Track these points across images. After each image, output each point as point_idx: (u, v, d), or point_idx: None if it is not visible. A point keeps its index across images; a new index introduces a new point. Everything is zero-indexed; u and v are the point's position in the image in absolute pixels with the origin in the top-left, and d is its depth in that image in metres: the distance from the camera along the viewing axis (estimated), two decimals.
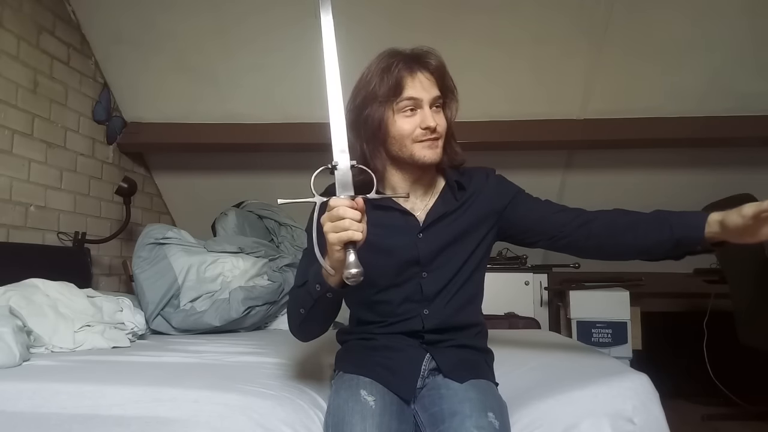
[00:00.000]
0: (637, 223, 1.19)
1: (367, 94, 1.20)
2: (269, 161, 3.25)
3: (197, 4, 2.66)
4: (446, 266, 1.24)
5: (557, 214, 1.27)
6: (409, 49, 1.23)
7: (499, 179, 1.33)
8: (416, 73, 1.20)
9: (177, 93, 3.00)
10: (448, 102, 1.26)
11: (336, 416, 1.09)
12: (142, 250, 2.42)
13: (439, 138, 1.22)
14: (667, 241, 1.15)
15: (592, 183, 3.15)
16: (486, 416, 1.05)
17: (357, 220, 0.97)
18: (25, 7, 2.41)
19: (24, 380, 1.29)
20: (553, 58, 2.71)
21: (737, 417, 2.87)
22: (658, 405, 1.17)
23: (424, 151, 1.20)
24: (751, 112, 2.80)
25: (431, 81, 1.21)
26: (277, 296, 2.48)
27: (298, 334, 1.22)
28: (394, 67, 1.19)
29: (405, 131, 1.20)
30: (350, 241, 0.96)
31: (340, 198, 0.99)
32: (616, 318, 2.92)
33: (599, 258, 1.27)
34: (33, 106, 2.45)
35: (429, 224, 1.24)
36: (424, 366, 1.20)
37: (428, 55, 1.22)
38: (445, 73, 1.24)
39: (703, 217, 1.11)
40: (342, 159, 1.02)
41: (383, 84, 1.18)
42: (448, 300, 1.23)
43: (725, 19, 2.54)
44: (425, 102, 1.19)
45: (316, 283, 1.07)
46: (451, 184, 1.28)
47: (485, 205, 1.28)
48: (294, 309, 1.18)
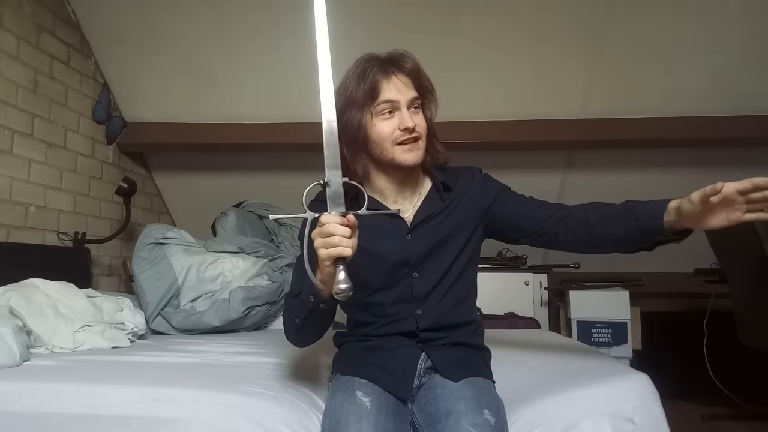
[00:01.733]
0: (607, 215, 1.18)
1: (346, 99, 1.22)
2: (269, 161, 3.25)
3: (198, 4, 2.66)
4: (436, 266, 1.25)
5: (538, 209, 1.27)
6: (384, 53, 1.25)
7: (485, 177, 1.35)
8: (391, 75, 1.21)
9: (177, 93, 3.00)
10: (427, 102, 1.27)
11: (332, 418, 1.09)
12: (142, 250, 2.42)
13: (419, 138, 1.23)
14: (634, 232, 1.13)
15: (592, 183, 3.15)
16: (482, 414, 1.05)
17: (347, 236, 0.99)
18: (25, 7, 2.41)
19: (24, 380, 1.29)
20: (553, 58, 2.71)
21: (737, 417, 2.87)
22: (658, 405, 1.17)
23: (405, 154, 1.21)
24: (751, 112, 2.80)
25: (407, 83, 1.23)
26: (277, 296, 2.48)
27: (294, 341, 1.24)
28: (369, 71, 1.21)
29: (384, 134, 1.21)
30: (340, 257, 0.98)
31: (331, 215, 1.01)
32: (616, 318, 2.92)
33: (580, 252, 1.26)
34: (33, 106, 2.45)
35: (416, 225, 1.26)
36: (420, 365, 1.21)
37: (403, 58, 1.24)
38: (420, 74, 1.25)
39: (663, 206, 1.09)
40: (333, 175, 1.03)
41: (359, 89, 1.20)
42: (440, 299, 1.24)
43: (725, 19, 2.54)
44: (402, 104, 1.21)
45: (310, 294, 1.09)
46: (438, 185, 1.29)
47: (471, 203, 1.29)
48: (289, 318, 1.20)
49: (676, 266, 3.25)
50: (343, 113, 1.21)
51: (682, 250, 3.63)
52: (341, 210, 1.02)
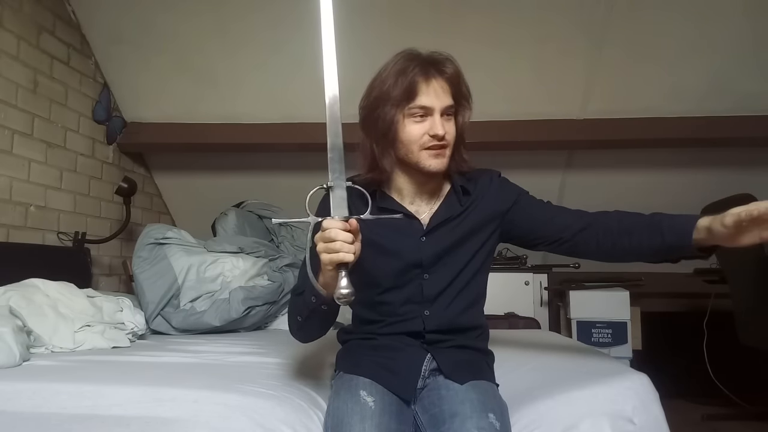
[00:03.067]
0: (632, 227, 1.18)
1: (381, 93, 1.19)
2: (270, 161, 3.25)
3: (198, 3, 2.66)
4: (448, 268, 1.24)
5: (559, 216, 1.26)
6: (426, 53, 1.22)
7: (503, 182, 1.33)
8: (431, 79, 1.18)
9: (177, 93, 3.00)
10: (461, 110, 1.24)
11: (335, 417, 1.09)
12: (142, 250, 2.42)
13: (447, 146, 1.21)
14: (660, 247, 1.14)
15: (592, 183, 3.15)
16: (487, 417, 1.05)
17: (349, 241, 0.99)
18: (25, 7, 2.41)
19: (24, 380, 1.29)
20: (553, 58, 2.71)
21: (737, 417, 2.87)
22: (658, 405, 1.17)
23: (430, 160, 1.20)
24: (751, 112, 2.80)
25: (445, 89, 1.20)
26: (277, 296, 2.48)
27: (297, 336, 1.25)
28: (410, 71, 1.18)
29: (413, 137, 1.19)
30: (341, 262, 0.98)
31: (334, 219, 1.00)
32: (616, 318, 2.92)
33: (601, 260, 1.26)
34: (33, 106, 2.45)
35: (432, 228, 1.25)
36: (425, 366, 1.20)
37: (445, 62, 1.21)
38: (460, 80, 1.22)
39: (692, 223, 1.09)
40: (337, 179, 1.03)
41: (397, 86, 1.17)
42: (450, 302, 1.24)
43: (725, 19, 2.54)
44: (437, 110, 1.18)
45: (312, 294, 1.10)
46: (457, 189, 1.28)
47: (489, 207, 1.28)
48: (293, 315, 1.21)
49: (676, 266, 3.24)
50: (376, 107, 1.19)
51: None
52: (344, 214, 1.01)
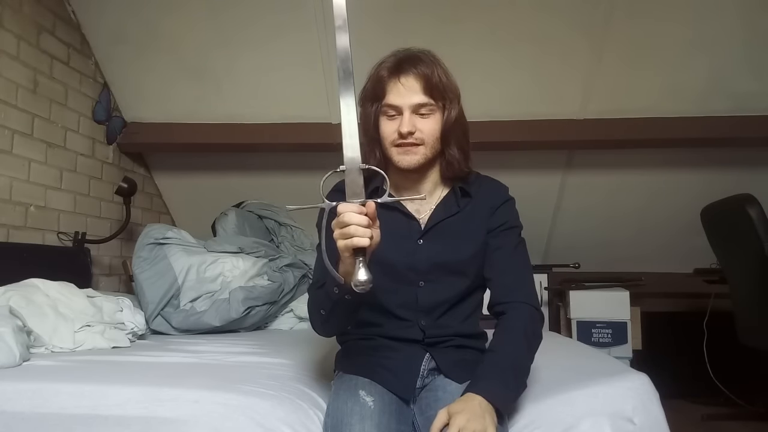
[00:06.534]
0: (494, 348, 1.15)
1: (364, 92, 1.22)
2: (269, 161, 3.25)
3: (198, 3, 2.66)
4: (442, 284, 1.23)
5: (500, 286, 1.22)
6: (402, 51, 1.22)
7: (505, 202, 1.28)
8: (399, 78, 1.18)
9: (177, 93, 3.00)
10: (446, 105, 1.20)
11: (335, 417, 1.09)
12: (142, 250, 2.42)
13: (419, 144, 1.18)
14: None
15: (592, 183, 3.15)
16: None
17: (364, 225, 0.95)
18: (25, 7, 2.40)
19: (24, 380, 1.29)
20: (552, 58, 2.71)
21: (737, 417, 2.87)
22: (658, 405, 1.17)
23: (399, 156, 1.19)
24: (751, 112, 2.80)
25: (414, 87, 1.17)
26: (277, 296, 2.48)
27: (321, 332, 1.22)
28: (382, 71, 1.19)
29: (386, 134, 1.20)
30: (357, 247, 0.95)
31: (349, 203, 0.97)
32: (616, 318, 2.92)
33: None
34: (33, 106, 2.45)
35: (429, 229, 1.24)
36: (424, 366, 1.20)
37: (416, 60, 1.18)
38: (432, 77, 1.17)
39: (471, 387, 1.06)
40: (351, 162, 0.98)
41: (372, 86, 1.21)
42: (443, 313, 1.23)
43: (725, 19, 2.54)
44: (405, 108, 1.17)
45: (334, 285, 1.06)
46: (456, 189, 1.26)
47: (484, 216, 1.26)
48: (314, 309, 1.17)
49: (676, 266, 3.25)
50: (362, 105, 1.22)
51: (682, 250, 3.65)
52: (360, 199, 0.97)
